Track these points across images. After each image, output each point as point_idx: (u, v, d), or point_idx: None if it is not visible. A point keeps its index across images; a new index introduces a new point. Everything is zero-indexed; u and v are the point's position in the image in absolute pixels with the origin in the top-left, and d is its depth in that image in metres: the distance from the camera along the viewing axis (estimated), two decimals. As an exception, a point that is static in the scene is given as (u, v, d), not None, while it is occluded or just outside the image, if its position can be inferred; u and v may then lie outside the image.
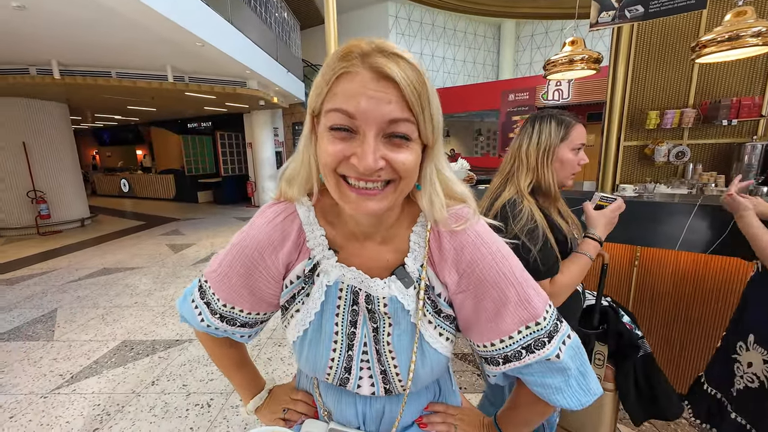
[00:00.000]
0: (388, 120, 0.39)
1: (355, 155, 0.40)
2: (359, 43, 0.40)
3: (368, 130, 0.39)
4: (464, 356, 2.26)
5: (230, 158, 10.18)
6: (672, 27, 2.80)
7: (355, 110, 0.38)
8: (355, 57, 0.39)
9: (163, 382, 2.09)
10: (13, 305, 3.24)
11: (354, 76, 0.39)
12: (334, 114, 0.40)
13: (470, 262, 0.49)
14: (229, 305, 0.57)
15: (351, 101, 0.39)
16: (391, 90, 0.38)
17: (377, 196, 0.42)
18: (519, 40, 10.98)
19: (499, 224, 0.57)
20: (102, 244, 5.51)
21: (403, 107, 0.39)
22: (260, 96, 6.39)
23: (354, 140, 0.40)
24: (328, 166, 0.42)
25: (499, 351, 0.50)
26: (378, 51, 0.39)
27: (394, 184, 0.43)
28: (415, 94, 0.39)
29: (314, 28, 10.25)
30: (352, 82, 0.39)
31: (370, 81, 0.38)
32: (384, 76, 0.38)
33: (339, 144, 0.40)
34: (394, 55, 0.39)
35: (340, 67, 0.39)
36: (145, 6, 2.94)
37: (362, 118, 0.39)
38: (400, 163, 0.41)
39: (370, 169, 0.39)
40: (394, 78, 0.38)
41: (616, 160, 3.11)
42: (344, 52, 0.40)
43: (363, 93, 0.38)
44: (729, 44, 1.65)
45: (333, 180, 0.43)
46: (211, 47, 4.11)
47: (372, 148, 0.39)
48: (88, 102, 7.03)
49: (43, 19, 3.31)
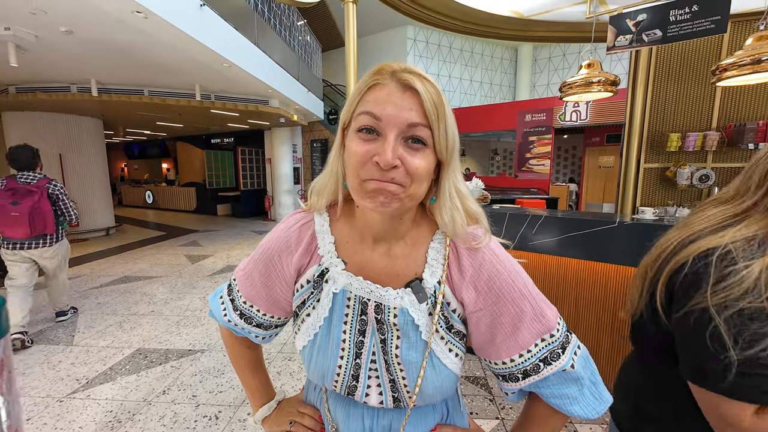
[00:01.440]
0: (407, 124, 0.44)
1: (378, 154, 0.44)
2: (390, 64, 0.47)
3: (390, 131, 0.44)
4: (476, 380, 2.19)
5: (249, 173, 10.49)
6: (693, 49, 2.78)
7: (381, 114, 0.44)
8: (386, 73, 0.46)
9: (174, 392, 2.11)
10: (39, 309, 3.37)
11: (383, 87, 0.46)
12: (363, 116, 0.46)
13: (488, 279, 0.52)
14: (248, 303, 0.61)
15: (378, 106, 0.45)
16: (413, 100, 0.45)
17: (391, 188, 0.45)
18: (536, 62, 11.08)
19: (508, 242, 0.58)
20: (124, 253, 5.70)
21: (421, 115, 0.45)
22: (281, 114, 6.64)
23: (377, 142, 0.45)
24: (355, 166, 0.46)
25: (518, 366, 0.52)
26: (405, 70, 0.46)
27: (405, 187, 0.46)
28: (432, 105, 0.45)
29: (335, 50, 10.67)
30: (381, 92, 0.45)
31: (396, 91, 0.45)
32: (408, 87, 0.45)
33: (364, 145, 0.45)
34: (418, 74, 0.46)
35: (372, 80, 0.46)
36: (178, 30, 3.15)
37: (386, 121, 0.44)
38: (413, 167, 0.45)
39: (389, 164, 0.44)
40: (417, 89, 0.44)
41: (636, 183, 3.04)
42: (377, 70, 0.47)
43: (389, 100, 0.45)
44: (751, 68, 1.63)
45: (357, 181, 0.47)
46: (237, 68, 4.33)
47: (392, 146, 0.44)
48: (120, 117, 7.46)
49: (87, 42, 3.59)
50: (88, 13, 2.89)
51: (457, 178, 0.51)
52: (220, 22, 3.83)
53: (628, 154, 3.01)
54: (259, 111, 6.34)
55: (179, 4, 3.14)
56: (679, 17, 2.14)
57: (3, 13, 2.90)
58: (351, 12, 2.47)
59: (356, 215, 0.55)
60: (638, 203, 3.05)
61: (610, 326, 1.85)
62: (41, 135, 6.28)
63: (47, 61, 4.23)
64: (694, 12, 2.08)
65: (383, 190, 0.45)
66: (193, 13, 3.35)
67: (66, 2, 2.72)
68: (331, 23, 9.45)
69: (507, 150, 11.26)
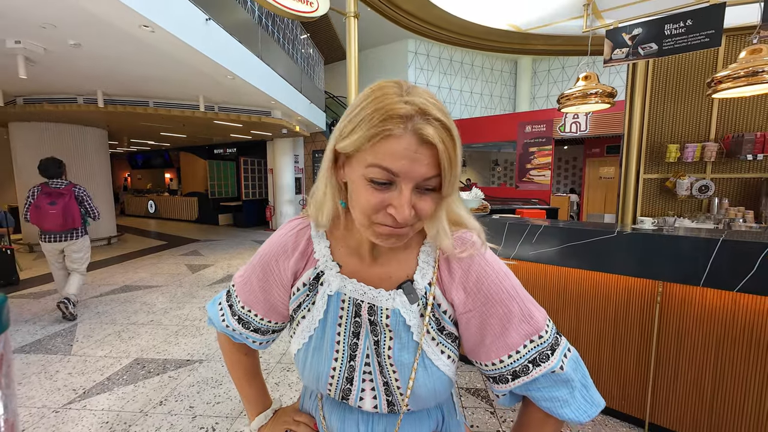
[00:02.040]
0: (423, 178, 0.44)
1: (392, 206, 0.45)
2: (399, 106, 0.42)
3: (405, 186, 0.44)
4: (477, 391, 2.16)
5: (251, 183, 10.56)
6: (689, 62, 2.83)
7: (398, 170, 0.43)
8: (399, 122, 0.42)
9: (171, 403, 2.09)
10: (38, 318, 3.36)
11: (399, 139, 0.42)
12: (377, 169, 0.44)
13: (477, 281, 0.53)
14: (246, 308, 0.62)
15: (396, 162, 0.43)
16: (429, 152, 0.43)
17: (402, 231, 0.47)
18: (536, 74, 11.23)
19: (496, 246, 0.59)
20: (125, 262, 5.71)
21: (436, 167, 0.44)
22: (283, 125, 6.72)
23: (390, 191, 0.45)
24: (365, 213, 0.47)
25: (507, 367, 0.52)
26: (419, 114, 0.42)
27: (413, 226, 0.48)
28: (447, 159, 0.43)
29: (338, 62, 10.85)
30: (397, 145, 0.42)
31: (413, 144, 0.42)
32: (425, 141, 0.42)
33: (378, 195, 0.45)
34: (434, 119, 0.43)
35: (386, 130, 0.42)
36: (184, 44, 3.22)
37: (403, 176, 0.43)
38: (424, 211, 0.46)
39: (407, 221, 0.45)
40: (435, 143, 0.42)
41: (636, 193, 3.05)
42: (386, 116, 0.42)
43: (406, 156, 0.42)
44: (746, 80, 1.65)
45: (367, 221, 0.47)
46: (241, 80, 4.41)
47: (408, 201, 0.44)
48: (126, 128, 7.56)
49: (95, 55, 3.67)
50: (96, 27, 2.97)
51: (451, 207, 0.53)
52: (225, 36, 3.92)
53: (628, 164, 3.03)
54: (262, 122, 6.42)
55: (186, 18, 3.22)
56: (674, 31, 2.18)
57: (14, 26, 2.98)
58: (352, 26, 2.53)
59: (353, 229, 0.56)
60: (639, 213, 3.05)
61: (611, 338, 1.84)
62: (47, 145, 6.37)
63: (55, 73, 4.32)
64: (689, 26, 2.13)
65: (395, 234, 0.47)
66: (199, 28, 3.43)
67: (76, 16, 2.80)
68: (333, 36, 9.64)
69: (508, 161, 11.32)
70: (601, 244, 1.72)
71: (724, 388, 1.56)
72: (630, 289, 1.76)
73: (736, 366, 1.53)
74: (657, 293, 1.67)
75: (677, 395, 1.67)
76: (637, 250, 1.63)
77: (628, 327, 1.78)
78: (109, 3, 2.49)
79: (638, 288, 1.73)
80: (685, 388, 1.65)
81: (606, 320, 1.84)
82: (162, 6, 2.88)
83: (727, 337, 1.53)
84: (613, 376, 1.85)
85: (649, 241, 1.60)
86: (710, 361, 1.58)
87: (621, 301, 1.79)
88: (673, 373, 1.68)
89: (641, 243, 1.62)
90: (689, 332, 1.62)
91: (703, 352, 1.60)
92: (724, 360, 1.55)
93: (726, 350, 1.54)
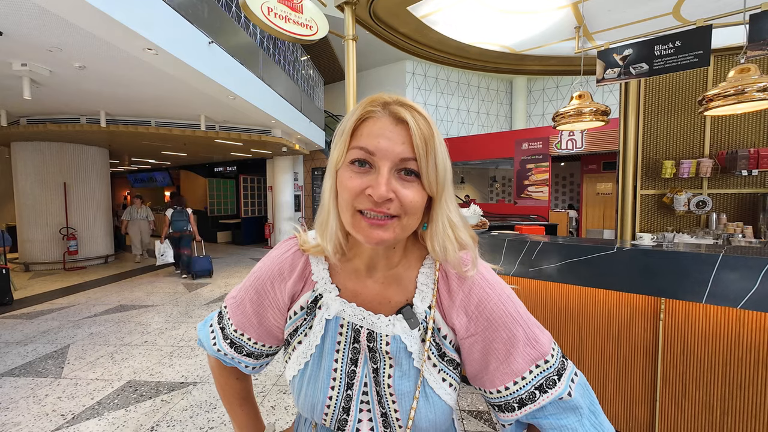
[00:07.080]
0: (400, 158, 0.45)
1: (371, 186, 0.45)
2: (382, 95, 0.47)
3: (383, 165, 0.45)
4: (479, 414, 2.09)
5: (251, 200, 10.58)
6: (681, 80, 2.90)
7: (375, 148, 0.45)
8: (378, 104, 0.46)
9: (163, 429, 2.01)
10: (29, 340, 3.29)
11: (376, 120, 0.46)
12: (357, 150, 0.46)
13: (478, 304, 0.51)
14: (239, 331, 0.60)
15: (372, 141, 0.45)
16: (405, 133, 0.45)
17: (385, 225, 0.46)
18: (531, 93, 11.48)
19: (500, 268, 0.58)
20: (121, 281, 5.64)
21: (411, 147, 0.45)
22: (283, 143, 6.80)
23: (370, 174, 0.46)
24: (348, 199, 0.46)
25: (513, 395, 0.50)
26: (397, 102, 0.46)
27: (399, 218, 0.46)
28: (422, 140, 0.45)
29: (338, 82, 11.10)
30: (374, 125, 0.46)
31: (389, 124, 0.45)
32: (401, 121, 0.45)
33: (357, 179, 0.46)
34: (410, 107, 0.46)
35: (366, 112, 0.46)
36: (187, 66, 3.30)
37: (379, 155, 0.45)
38: (407, 200, 0.45)
39: (383, 197, 0.44)
40: (408, 123, 0.45)
41: (634, 209, 3.06)
42: (370, 101, 0.47)
43: (382, 134, 0.45)
44: (735, 98, 1.69)
45: (350, 212, 0.47)
46: (242, 100, 4.50)
47: (385, 179, 0.44)
48: (127, 147, 7.64)
49: (98, 76, 3.75)
50: (101, 49, 3.05)
51: (449, 208, 0.50)
52: (227, 58, 4.01)
53: (624, 181, 3.05)
54: (262, 140, 6.50)
55: (189, 41, 3.31)
56: (664, 52, 2.25)
57: (22, 50, 3.05)
58: (351, 48, 2.60)
59: (352, 248, 0.55)
60: (637, 229, 3.05)
61: (615, 356, 1.80)
62: (48, 164, 6.42)
63: (59, 94, 4.40)
64: (678, 47, 2.19)
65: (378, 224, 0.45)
66: (202, 50, 3.52)
67: (81, 39, 2.87)
68: (333, 58, 9.90)
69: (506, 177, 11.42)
70: (601, 261, 1.71)
71: (733, 408, 1.51)
72: (632, 306, 1.73)
73: (744, 385, 1.49)
74: (659, 310, 1.65)
75: (686, 416, 1.62)
76: (638, 266, 1.62)
77: (632, 345, 1.74)
78: (116, 28, 2.56)
79: (640, 305, 1.71)
80: (694, 408, 1.60)
81: (609, 338, 1.81)
82: (167, 30, 2.96)
83: (733, 356, 1.50)
84: (618, 395, 1.80)
85: (650, 257, 1.59)
86: (718, 380, 1.54)
87: (624, 319, 1.76)
88: (680, 392, 1.63)
89: (641, 259, 1.61)
90: (695, 350, 1.59)
91: (710, 371, 1.56)
92: (732, 379, 1.51)
93: (733, 368, 1.51)
